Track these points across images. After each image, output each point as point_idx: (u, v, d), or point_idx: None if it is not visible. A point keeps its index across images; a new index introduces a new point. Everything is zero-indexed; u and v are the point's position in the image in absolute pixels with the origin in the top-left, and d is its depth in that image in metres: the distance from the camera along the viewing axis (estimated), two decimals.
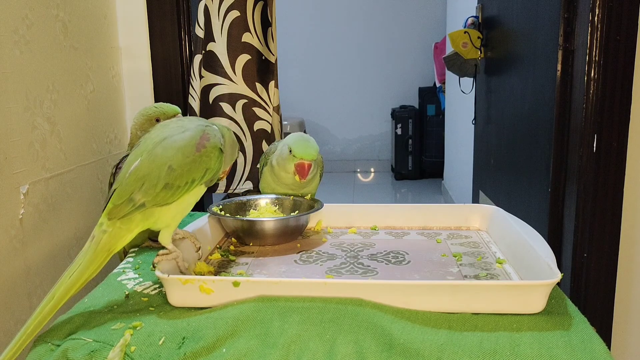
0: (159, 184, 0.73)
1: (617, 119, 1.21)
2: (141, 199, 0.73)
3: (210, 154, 0.76)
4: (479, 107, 2.27)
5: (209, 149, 0.75)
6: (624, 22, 1.17)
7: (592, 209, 1.24)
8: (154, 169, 0.73)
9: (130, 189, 0.73)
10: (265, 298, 0.69)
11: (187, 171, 0.74)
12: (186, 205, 0.78)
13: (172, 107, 1.01)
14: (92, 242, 0.72)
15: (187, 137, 0.75)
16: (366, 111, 4.80)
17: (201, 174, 0.75)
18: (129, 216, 0.73)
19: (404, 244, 0.96)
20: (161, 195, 0.73)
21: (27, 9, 0.99)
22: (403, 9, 4.62)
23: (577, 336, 0.63)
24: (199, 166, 0.75)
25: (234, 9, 1.31)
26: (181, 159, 0.74)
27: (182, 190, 0.75)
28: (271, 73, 1.38)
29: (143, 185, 0.72)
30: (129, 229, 0.74)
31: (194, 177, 0.75)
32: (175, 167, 0.73)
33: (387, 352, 0.61)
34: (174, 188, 0.74)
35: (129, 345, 0.64)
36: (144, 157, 0.74)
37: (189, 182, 0.75)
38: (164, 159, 0.73)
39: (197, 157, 0.74)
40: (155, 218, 0.76)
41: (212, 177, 0.78)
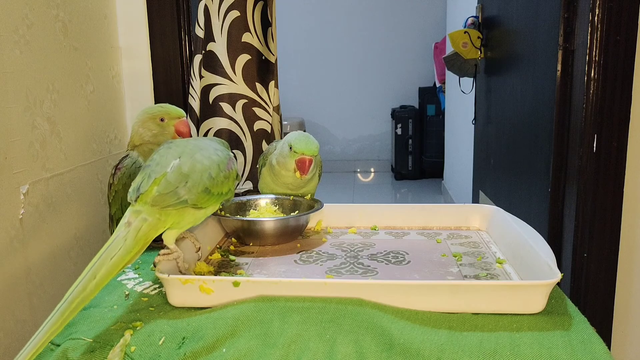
0: (200, 186, 0.77)
1: (617, 119, 1.21)
2: (185, 196, 0.75)
3: (232, 176, 0.83)
4: (479, 107, 2.27)
5: (233, 172, 0.84)
6: (624, 22, 1.17)
7: (592, 209, 1.24)
8: (197, 171, 0.77)
9: (175, 183, 0.75)
10: (265, 298, 0.69)
11: (220, 183, 0.80)
12: (203, 215, 0.82)
13: (176, 109, 1.00)
14: (132, 228, 0.72)
15: (221, 155, 0.82)
16: (366, 111, 4.80)
17: (227, 190, 0.82)
18: (169, 209, 0.75)
19: (404, 244, 0.96)
20: (200, 197, 0.77)
21: (27, 9, 0.99)
22: (403, 9, 4.61)
23: (577, 336, 0.63)
24: (228, 183, 0.82)
25: (234, 9, 1.31)
26: (217, 171, 0.80)
27: (214, 200, 0.80)
28: (271, 73, 1.38)
29: (187, 183, 0.76)
30: (165, 223, 0.76)
31: (223, 190, 0.81)
32: (214, 176, 0.79)
33: (387, 352, 0.61)
34: (210, 194, 0.79)
35: (129, 345, 0.64)
36: (184, 157, 0.78)
37: (220, 194, 0.81)
38: (204, 166, 0.78)
39: (227, 174, 0.82)
40: (182, 218, 0.78)
41: (229, 197, 0.85)
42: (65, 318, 0.64)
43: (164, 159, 0.78)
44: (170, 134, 0.99)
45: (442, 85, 4.00)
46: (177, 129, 0.99)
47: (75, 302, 0.65)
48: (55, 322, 0.63)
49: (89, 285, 0.66)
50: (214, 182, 0.78)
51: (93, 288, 0.66)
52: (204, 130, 1.34)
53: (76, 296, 0.65)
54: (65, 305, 0.64)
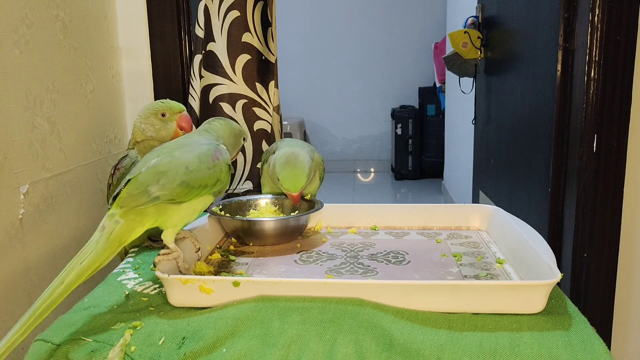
0: (176, 181, 0.76)
1: (617, 119, 1.21)
2: (156, 192, 0.75)
3: (222, 167, 0.82)
4: (479, 107, 2.27)
5: (221, 162, 0.82)
6: (624, 22, 1.17)
7: (592, 209, 1.24)
8: (173, 167, 0.77)
9: (146, 182, 0.75)
10: (265, 298, 0.69)
11: (201, 175, 0.79)
12: (193, 210, 0.81)
13: (178, 104, 1.01)
14: (104, 232, 0.72)
15: (205, 148, 0.82)
16: (366, 111, 4.79)
17: (213, 182, 0.81)
18: (142, 209, 0.75)
19: (404, 244, 0.96)
20: (177, 191, 0.77)
21: (27, 9, 0.99)
22: (403, 9, 4.61)
23: (577, 336, 0.63)
24: (212, 175, 0.80)
25: (234, 9, 1.31)
26: (198, 163, 0.79)
27: (195, 192, 0.79)
28: (271, 73, 1.38)
29: (160, 180, 0.76)
30: (142, 223, 0.76)
31: (207, 182, 0.80)
32: (192, 170, 0.78)
33: (387, 352, 0.61)
34: (189, 187, 0.78)
35: (129, 345, 0.64)
36: (162, 156, 0.78)
37: (202, 186, 0.79)
38: (182, 160, 0.78)
39: (211, 165, 0.80)
40: (167, 216, 0.78)
41: (220, 189, 0.83)
42: (30, 324, 0.64)
43: (143, 161, 0.79)
44: (173, 128, 0.99)
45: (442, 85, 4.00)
46: (179, 123, 1.00)
47: (42, 307, 0.66)
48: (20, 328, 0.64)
49: (56, 290, 0.67)
50: (192, 175, 0.77)
51: (60, 292, 0.67)
52: None
53: (43, 301, 0.66)
54: (32, 311, 0.65)
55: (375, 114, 4.78)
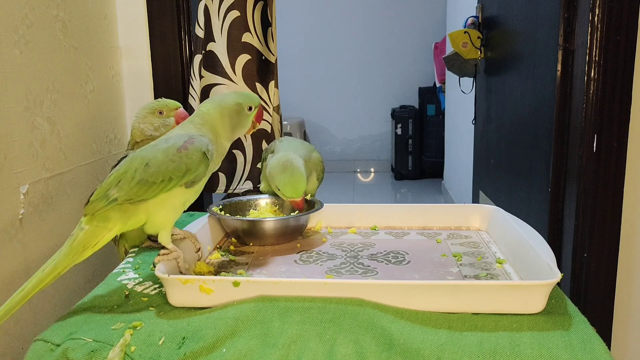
0: (134, 180, 0.74)
1: (617, 119, 1.21)
2: (115, 194, 0.74)
3: (191, 155, 0.76)
4: (479, 107, 2.27)
5: (191, 150, 0.76)
6: (624, 22, 1.17)
7: (592, 209, 1.24)
8: (132, 166, 0.75)
9: (108, 186, 0.75)
10: (265, 298, 0.69)
11: (164, 169, 0.75)
12: (171, 207, 0.78)
13: (173, 101, 1.02)
14: (69, 239, 0.74)
15: (172, 142, 0.77)
16: (366, 111, 4.79)
17: (181, 173, 0.76)
18: (104, 213, 0.75)
19: (404, 244, 0.96)
20: (135, 190, 0.74)
21: (27, 9, 0.99)
22: (403, 9, 4.61)
23: (577, 336, 0.63)
24: (179, 164, 0.76)
25: (234, 9, 1.31)
26: (161, 158, 0.75)
27: (157, 188, 0.75)
28: (271, 73, 1.38)
29: (120, 182, 0.75)
30: (107, 227, 0.75)
31: (171, 175, 0.75)
32: (152, 164, 0.75)
33: (387, 352, 0.61)
34: (147, 184, 0.75)
35: (129, 345, 0.64)
36: (125, 160, 0.77)
37: (166, 180, 0.75)
38: (143, 159, 0.76)
39: (176, 156, 0.76)
40: (138, 218, 0.76)
41: (194, 179, 0.78)
42: None
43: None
44: (171, 125, 1.00)
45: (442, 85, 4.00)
46: (177, 120, 1.01)
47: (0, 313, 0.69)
48: None
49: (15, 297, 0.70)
50: (152, 170, 0.74)
51: (19, 300, 0.70)
52: None
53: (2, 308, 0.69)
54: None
55: (375, 114, 4.78)
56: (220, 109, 0.83)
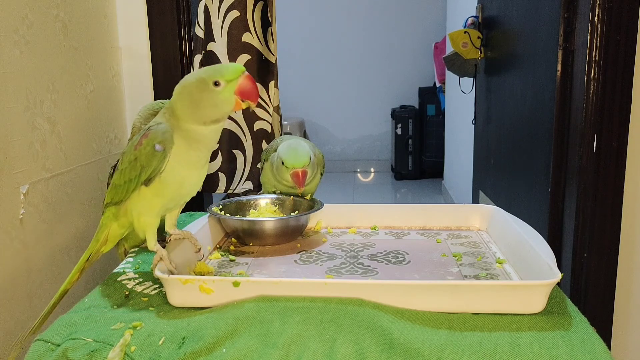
0: (112, 183, 0.80)
1: (617, 119, 1.21)
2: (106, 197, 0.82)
3: (142, 150, 0.73)
4: (479, 107, 2.27)
5: (144, 145, 0.73)
6: (624, 22, 1.17)
7: (592, 209, 1.24)
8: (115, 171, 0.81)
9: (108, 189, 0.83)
10: (265, 298, 0.69)
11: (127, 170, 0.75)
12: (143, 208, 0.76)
13: None
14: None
15: (134, 140, 0.76)
16: (366, 111, 4.79)
17: (137, 172, 0.74)
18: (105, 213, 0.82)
19: (404, 244, 0.96)
20: (112, 192, 0.79)
21: (27, 9, 0.99)
22: (403, 9, 4.61)
23: (577, 336, 0.63)
24: (135, 164, 0.74)
25: (234, 9, 1.31)
26: (126, 157, 0.77)
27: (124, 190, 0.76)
28: (271, 73, 1.38)
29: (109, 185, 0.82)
30: (106, 225, 0.82)
31: (130, 176, 0.74)
32: (119, 166, 0.78)
33: (387, 352, 0.61)
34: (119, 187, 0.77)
35: (129, 345, 0.64)
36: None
37: (127, 182, 0.75)
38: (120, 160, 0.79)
39: (133, 155, 0.74)
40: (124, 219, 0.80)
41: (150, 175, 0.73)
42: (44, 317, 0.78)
43: None
44: None
45: (442, 85, 3.99)
46: None
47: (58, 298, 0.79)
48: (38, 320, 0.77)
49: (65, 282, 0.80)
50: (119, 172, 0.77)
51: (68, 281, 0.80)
52: None
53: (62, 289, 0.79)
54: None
55: (375, 114, 4.77)
56: (180, 89, 0.75)
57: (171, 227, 0.83)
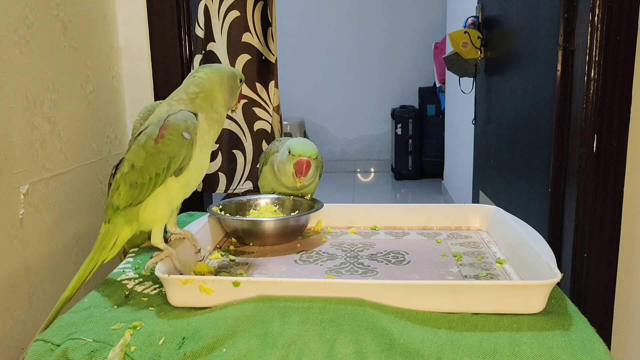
0: (126, 184, 0.75)
1: (617, 119, 1.21)
2: (116, 202, 0.76)
3: (168, 142, 0.73)
4: (479, 107, 2.27)
5: (167, 137, 0.73)
6: (624, 22, 1.17)
7: (592, 209, 1.24)
8: (124, 169, 0.76)
9: (111, 194, 0.78)
10: (265, 298, 0.69)
11: (147, 167, 0.73)
12: (163, 201, 0.77)
13: None
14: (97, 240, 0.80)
15: (149, 132, 0.74)
16: (366, 111, 4.79)
17: (164, 165, 0.73)
18: (113, 220, 0.78)
19: (404, 244, 0.96)
20: (130, 194, 0.75)
21: (27, 9, 0.99)
22: (403, 9, 4.61)
23: (577, 336, 0.63)
24: (159, 157, 0.73)
25: (234, 9, 1.31)
26: (142, 155, 0.74)
27: (148, 187, 0.74)
28: (271, 73, 1.38)
29: (118, 188, 0.76)
30: (115, 231, 0.78)
31: (156, 170, 0.73)
32: (137, 166, 0.74)
33: (387, 352, 0.61)
34: (139, 187, 0.74)
35: (129, 345, 0.64)
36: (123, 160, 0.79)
37: (153, 177, 0.73)
38: (129, 160, 0.75)
39: (155, 149, 0.73)
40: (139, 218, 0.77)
41: (180, 165, 0.74)
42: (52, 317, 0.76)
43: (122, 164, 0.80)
44: None
45: (442, 85, 4.00)
46: None
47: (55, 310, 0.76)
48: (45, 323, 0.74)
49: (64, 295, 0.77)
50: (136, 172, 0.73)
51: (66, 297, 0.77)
52: None
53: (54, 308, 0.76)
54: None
55: (375, 114, 4.78)
56: (220, 73, 0.79)
57: (172, 225, 0.83)
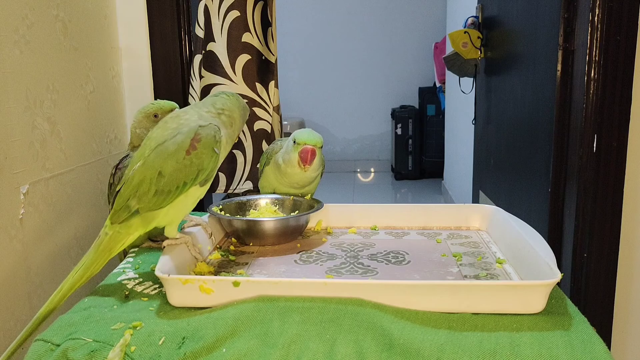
0: (150, 191, 0.75)
1: (617, 119, 1.21)
2: (135, 206, 0.76)
3: (201, 155, 0.76)
4: (479, 107, 2.27)
5: (200, 150, 0.76)
6: (624, 22, 1.17)
7: (592, 209, 1.24)
8: (147, 175, 0.75)
9: (127, 196, 0.76)
10: (265, 298, 0.69)
11: (176, 176, 0.76)
12: (183, 206, 0.80)
13: (169, 103, 1.01)
14: (96, 243, 0.77)
15: (179, 141, 0.76)
16: (366, 111, 4.79)
17: (193, 175, 0.77)
18: (126, 222, 0.77)
19: (404, 244, 0.96)
20: (153, 201, 0.76)
21: (27, 9, 0.99)
22: (403, 9, 4.61)
23: (577, 336, 0.63)
24: (190, 169, 0.76)
25: (234, 9, 1.31)
26: (172, 164, 0.75)
27: (174, 195, 0.76)
28: (271, 73, 1.38)
29: (137, 192, 0.76)
30: (128, 233, 0.78)
31: (185, 180, 0.76)
32: (165, 174, 0.75)
33: (387, 352, 0.61)
34: (164, 194, 0.76)
35: (129, 345, 0.64)
36: (140, 162, 0.77)
37: (180, 186, 0.76)
38: (155, 166, 0.76)
39: (187, 160, 0.76)
40: (155, 221, 0.79)
41: (207, 177, 0.79)
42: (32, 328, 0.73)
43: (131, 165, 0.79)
44: None
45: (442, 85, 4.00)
46: None
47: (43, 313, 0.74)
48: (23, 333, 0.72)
49: (55, 297, 0.74)
50: (166, 180, 0.75)
51: (59, 299, 0.75)
52: None
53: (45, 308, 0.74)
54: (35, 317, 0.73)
55: (375, 114, 4.78)
56: (238, 100, 0.86)
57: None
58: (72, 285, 0.75)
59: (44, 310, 0.74)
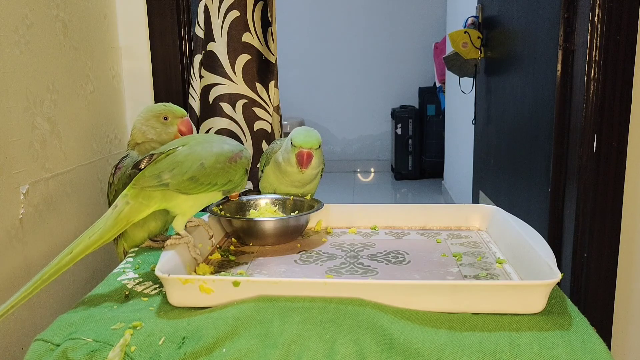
0: (187, 174, 0.82)
1: (617, 119, 1.21)
2: (167, 180, 0.81)
3: (237, 168, 0.87)
4: (479, 107, 2.27)
5: (238, 164, 0.87)
6: (624, 22, 1.17)
7: (592, 209, 1.24)
8: (189, 160, 0.82)
9: (162, 168, 0.81)
10: (265, 298, 0.69)
11: (214, 174, 0.84)
12: (201, 203, 0.86)
13: (180, 109, 1.01)
14: (115, 211, 0.80)
15: (226, 148, 0.87)
16: (366, 111, 4.79)
17: (224, 181, 0.86)
18: (151, 191, 0.81)
19: (404, 244, 0.96)
20: (185, 184, 0.82)
21: (27, 9, 0.99)
22: (403, 9, 4.61)
23: (577, 336, 0.63)
24: (225, 174, 0.85)
25: (234, 9, 1.31)
26: (213, 161, 0.84)
27: (203, 188, 0.84)
28: (271, 73, 1.38)
29: (174, 169, 0.81)
30: (148, 205, 0.82)
31: (217, 181, 0.85)
32: (206, 166, 0.83)
33: (387, 352, 0.61)
34: (197, 182, 0.82)
35: (129, 345, 0.64)
36: (184, 148, 0.84)
37: (212, 184, 0.84)
38: (199, 156, 0.83)
39: (226, 166, 0.85)
40: (173, 203, 0.83)
41: (230, 189, 0.88)
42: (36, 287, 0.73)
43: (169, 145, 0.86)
44: (173, 132, 0.99)
45: (442, 85, 4.00)
46: (179, 128, 1.00)
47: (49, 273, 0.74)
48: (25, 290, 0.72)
49: (64, 259, 0.75)
50: (204, 171, 0.83)
51: (68, 261, 0.75)
52: (204, 130, 1.34)
53: (50, 267, 0.74)
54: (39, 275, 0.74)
55: (375, 114, 4.78)
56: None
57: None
58: (84, 250, 0.77)
59: (51, 269, 0.74)
